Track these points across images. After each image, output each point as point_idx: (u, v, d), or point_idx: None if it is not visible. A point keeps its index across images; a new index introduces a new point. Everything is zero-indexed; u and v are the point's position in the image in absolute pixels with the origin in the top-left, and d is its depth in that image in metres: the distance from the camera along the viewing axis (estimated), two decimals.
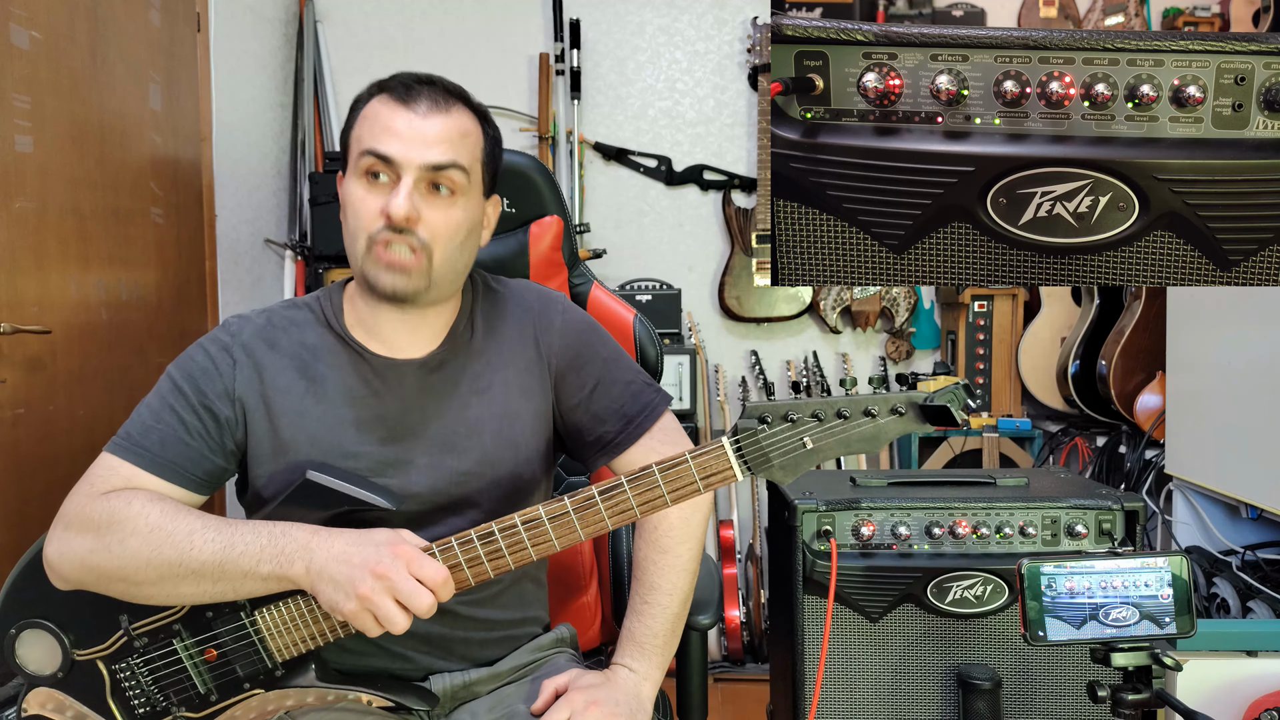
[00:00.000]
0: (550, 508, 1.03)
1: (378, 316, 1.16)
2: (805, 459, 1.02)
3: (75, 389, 2.09)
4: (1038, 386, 3.16)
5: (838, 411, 1.01)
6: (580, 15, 3.27)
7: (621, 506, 1.03)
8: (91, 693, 1.09)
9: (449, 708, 1.19)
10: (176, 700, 1.09)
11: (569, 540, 1.03)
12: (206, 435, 1.12)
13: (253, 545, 1.00)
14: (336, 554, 0.98)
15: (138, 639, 1.08)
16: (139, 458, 1.09)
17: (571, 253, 1.57)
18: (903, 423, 1.01)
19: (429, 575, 0.98)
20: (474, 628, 1.20)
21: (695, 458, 1.02)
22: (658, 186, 3.33)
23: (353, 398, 1.15)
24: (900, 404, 1.01)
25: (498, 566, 1.03)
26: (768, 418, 1.01)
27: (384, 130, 1.08)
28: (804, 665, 1.54)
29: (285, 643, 1.07)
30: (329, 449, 1.13)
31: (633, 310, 1.53)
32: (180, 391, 1.12)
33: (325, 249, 2.88)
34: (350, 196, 1.11)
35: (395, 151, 1.07)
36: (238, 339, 1.16)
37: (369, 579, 0.96)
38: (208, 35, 2.69)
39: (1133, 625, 1.15)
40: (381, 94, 1.12)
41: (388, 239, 1.08)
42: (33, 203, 1.96)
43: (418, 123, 1.08)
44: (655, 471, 1.02)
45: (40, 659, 1.10)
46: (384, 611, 0.96)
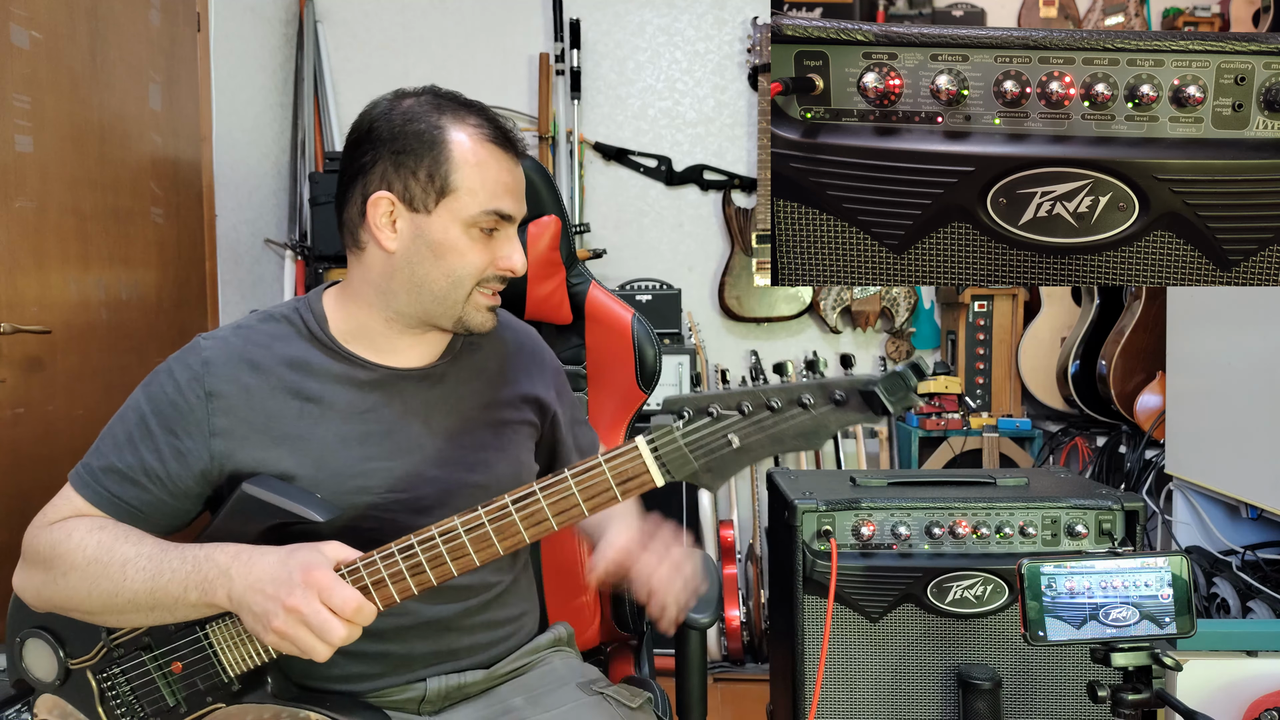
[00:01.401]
0: (465, 518, 0.97)
1: (399, 337, 1.15)
2: (733, 460, 0.90)
3: (75, 389, 2.09)
4: (1038, 386, 3.16)
5: (766, 403, 0.88)
6: (580, 15, 3.27)
7: (536, 516, 0.95)
8: (84, 701, 1.10)
9: (439, 707, 1.18)
10: (152, 712, 1.09)
11: (487, 554, 0.97)
12: (168, 480, 1.07)
13: (179, 573, 0.99)
14: (253, 582, 0.95)
15: (115, 649, 1.08)
16: (95, 495, 1.07)
17: (569, 252, 1.57)
18: (843, 413, 0.88)
19: (339, 604, 0.92)
20: (479, 630, 1.20)
21: (609, 461, 0.94)
22: (658, 186, 3.33)
23: (353, 412, 1.11)
24: (840, 391, 0.87)
25: (420, 582, 0.97)
26: (686, 412, 0.90)
27: (504, 190, 1.09)
28: (804, 665, 1.54)
29: (236, 657, 1.05)
30: (339, 470, 1.09)
31: (631, 310, 1.53)
32: (147, 429, 1.07)
33: (325, 249, 2.88)
34: (458, 243, 1.08)
35: (515, 211, 1.11)
36: (211, 366, 1.09)
37: (281, 612, 0.92)
38: (208, 35, 2.70)
39: (1133, 625, 1.15)
40: (476, 134, 1.09)
41: (496, 288, 1.12)
42: (33, 203, 1.96)
43: (519, 174, 1.12)
44: (568, 476, 0.95)
45: (42, 666, 1.11)
46: (302, 643, 0.93)
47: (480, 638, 1.20)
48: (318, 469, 1.08)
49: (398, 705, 1.16)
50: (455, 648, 1.18)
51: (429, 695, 1.16)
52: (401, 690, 1.15)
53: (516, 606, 1.26)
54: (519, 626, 1.26)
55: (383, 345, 1.15)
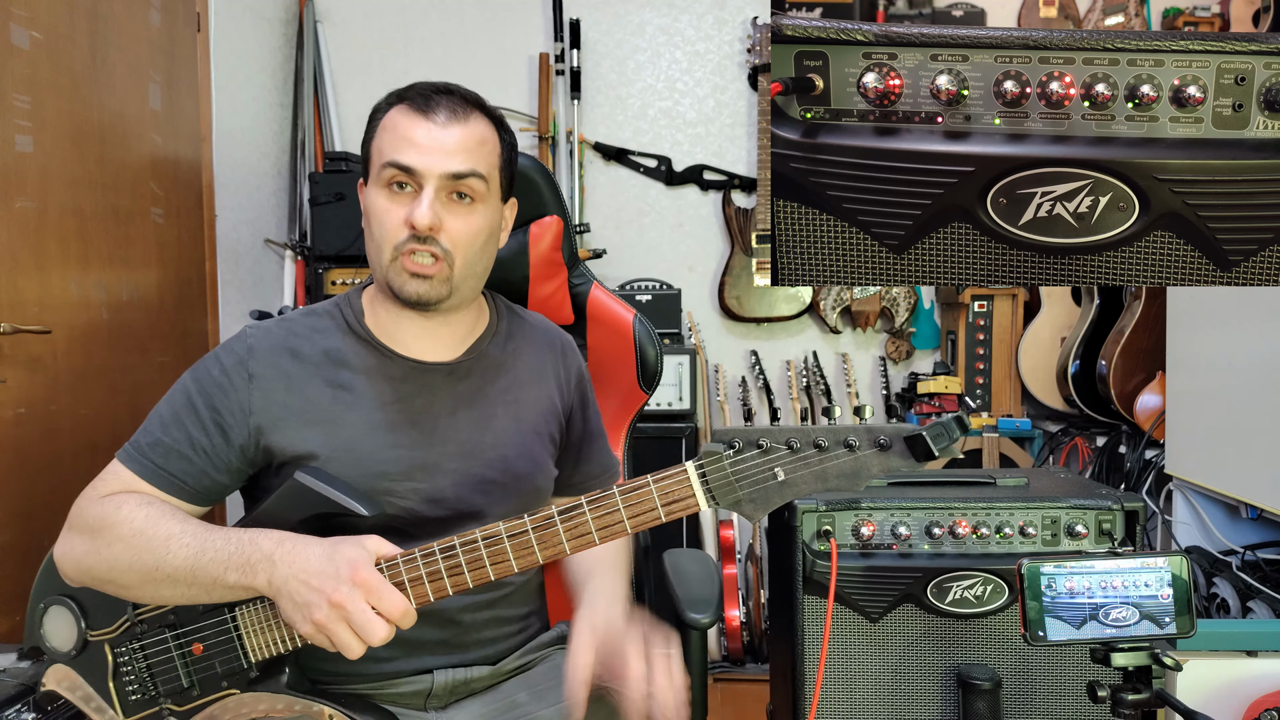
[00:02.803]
0: (510, 524, 0.99)
1: (400, 323, 1.19)
2: (776, 492, 0.95)
3: (78, 388, 2.09)
4: (1038, 386, 3.16)
5: (814, 441, 0.93)
6: (580, 15, 3.27)
7: (580, 530, 0.98)
8: (96, 674, 1.12)
9: (446, 702, 1.20)
10: (164, 691, 1.10)
11: (527, 562, 0.99)
12: (212, 453, 1.12)
13: (221, 553, 1.01)
14: (297, 571, 0.97)
15: (139, 624, 1.11)
16: (142, 468, 1.11)
17: (571, 253, 1.57)
18: (886, 458, 0.93)
19: (388, 608, 0.96)
20: (487, 626, 1.22)
21: (658, 482, 0.97)
22: (658, 186, 3.33)
23: (383, 402, 1.16)
24: (885, 436, 0.93)
25: (457, 583, 1.00)
26: (736, 443, 0.94)
27: (405, 141, 1.10)
28: (804, 665, 1.54)
29: (261, 642, 1.07)
30: (364, 455, 1.13)
31: (632, 310, 1.53)
32: (193, 406, 1.13)
33: (325, 249, 2.88)
34: (373, 206, 1.13)
35: (416, 162, 1.10)
36: (255, 353, 1.15)
37: (325, 606, 0.95)
38: (208, 35, 2.70)
39: (1133, 625, 1.15)
40: (400, 104, 1.13)
41: (412, 248, 1.11)
42: (33, 203, 1.96)
43: (437, 132, 1.10)
44: (616, 494, 0.98)
45: (61, 635, 1.13)
46: (339, 640, 0.95)
47: (488, 633, 1.22)
48: (345, 452, 1.12)
49: (405, 699, 1.17)
50: (464, 641, 1.20)
51: (435, 689, 1.18)
52: (409, 682, 1.17)
53: (525, 606, 1.28)
54: (526, 625, 1.28)
55: (403, 340, 1.19)
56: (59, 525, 1.20)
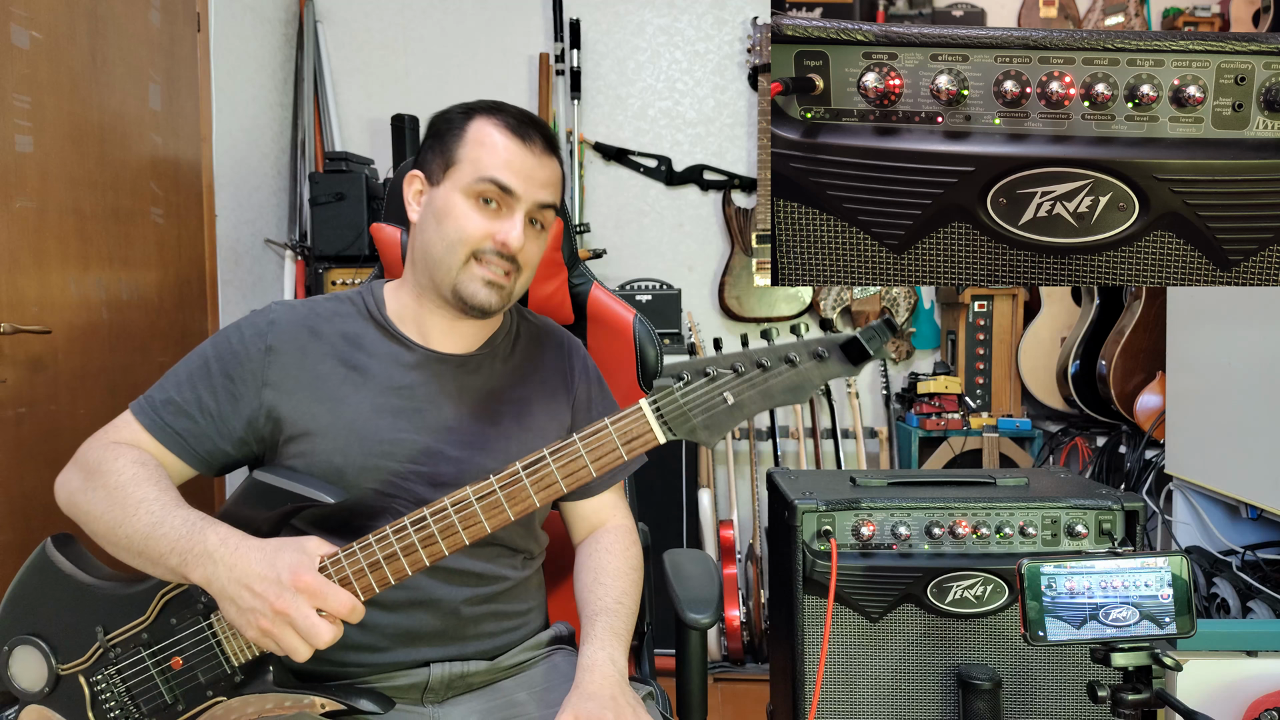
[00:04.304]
0: (476, 487, 1.03)
1: (432, 318, 1.23)
2: (727, 415, 0.99)
3: (78, 388, 2.09)
4: (1038, 386, 3.16)
5: (757, 362, 0.98)
6: (580, 15, 3.27)
7: (547, 480, 1.02)
8: (74, 708, 1.10)
9: (443, 697, 1.20)
10: (148, 712, 1.08)
11: (499, 520, 1.03)
12: (219, 418, 1.15)
13: (171, 534, 1.03)
14: (240, 575, 0.99)
15: (112, 650, 1.09)
16: (150, 421, 1.16)
17: (571, 253, 1.57)
18: (825, 367, 0.99)
19: (334, 607, 0.98)
20: (486, 620, 1.22)
21: (615, 423, 1.01)
22: (658, 186, 3.33)
23: (392, 387, 1.20)
24: (821, 346, 0.99)
25: (432, 553, 1.03)
26: (685, 374, 0.99)
27: (505, 164, 1.16)
28: (804, 665, 1.54)
29: (242, 644, 1.07)
30: (366, 435, 1.16)
31: (632, 310, 1.53)
32: (208, 370, 1.17)
33: (325, 249, 2.88)
34: (455, 209, 1.17)
35: (517, 187, 1.17)
36: (276, 326, 1.20)
37: (269, 613, 0.97)
38: (208, 35, 2.69)
39: (1133, 625, 1.15)
40: (490, 121, 1.19)
41: (494, 260, 1.17)
42: (33, 203, 1.96)
43: (532, 162, 1.18)
44: (576, 441, 1.02)
45: (30, 675, 1.10)
46: (286, 645, 0.98)
47: (486, 627, 1.22)
48: (349, 430, 1.16)
49: (401, 692, 1.17)
50: (462, 633, 1.20)
51: (432, 683, 1.18)
52: (405, 674, 1.17)
53: (525, 603, 1.29)
54: (525, 621, 1.29)
55: (426, 327, 1.24)
56: (59, 525, 1.20)
